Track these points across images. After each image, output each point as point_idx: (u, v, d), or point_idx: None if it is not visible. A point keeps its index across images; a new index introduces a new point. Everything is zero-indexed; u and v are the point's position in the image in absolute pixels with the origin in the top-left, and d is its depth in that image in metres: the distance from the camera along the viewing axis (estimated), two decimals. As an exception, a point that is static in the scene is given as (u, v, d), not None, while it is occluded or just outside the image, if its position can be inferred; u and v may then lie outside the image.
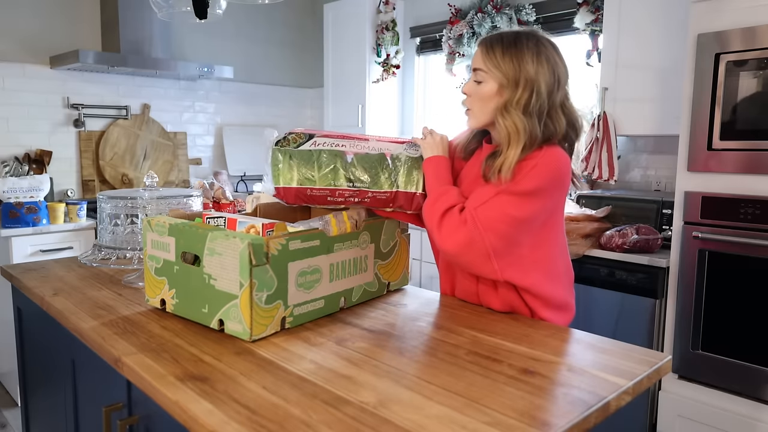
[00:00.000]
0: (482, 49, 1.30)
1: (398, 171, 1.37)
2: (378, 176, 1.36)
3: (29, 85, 3.24)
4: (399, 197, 1.37)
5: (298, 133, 1.39)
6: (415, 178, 1.38)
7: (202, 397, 0.89)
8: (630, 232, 2.34)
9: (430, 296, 1.46)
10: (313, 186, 1.35)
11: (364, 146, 1.38)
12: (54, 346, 1.49)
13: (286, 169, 1.35)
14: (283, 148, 1.36)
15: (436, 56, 3.83)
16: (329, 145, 1.37)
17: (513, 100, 1.25)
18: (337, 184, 1.35)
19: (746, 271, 2.04)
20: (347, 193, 1.36)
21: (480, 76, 1.30)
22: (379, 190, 1.36)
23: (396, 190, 1.37)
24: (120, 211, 1.49)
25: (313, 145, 1.37)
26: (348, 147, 1.37)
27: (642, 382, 0.99)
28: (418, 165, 1.38)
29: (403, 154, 1.38)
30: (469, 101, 1.34)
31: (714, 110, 2.09)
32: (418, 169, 1.38)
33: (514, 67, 1.25)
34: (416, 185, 1.38)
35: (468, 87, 1.34)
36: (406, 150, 1.39)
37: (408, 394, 0.91)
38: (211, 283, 1.15)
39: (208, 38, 3.96)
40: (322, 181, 1.35)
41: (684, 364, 2.20)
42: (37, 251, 2.81)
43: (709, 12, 2.09)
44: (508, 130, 1.24)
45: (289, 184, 1.35)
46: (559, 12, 3.06)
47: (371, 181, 1.35)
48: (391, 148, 1.39)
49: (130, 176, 3.63)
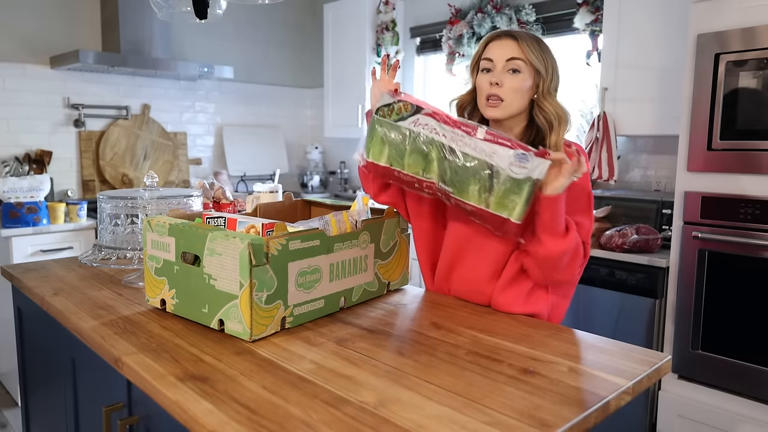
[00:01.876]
0: (512, 40, 1.32)
1: (492, 189, 1.19)
2: (467, 184, 1.21)
3: (29, 85, 3.24)
4: (486, 216, 1.22)
5: (405, 103, 1.28)
6: (511, 203, 1.18)
7: (202, 397, 0.89)
8: (630, 232, 2.34)
9: (429, 296, 1.46)
10: (401, 169, 1.27)
11: (467, 142, 1.21)
12: (54, 345, 1.49)
13: (378, 144, 1.28)
14: (383, 118, 1.28)
15: (436, 56, 3.83)
16: (430, 129, 1.24)
17: (550, 86, 1.33)
18: (426, 175, 1.25)
19: (746, 271, 2.04)
20: (434, 187, 1.26)
21: (517, 65, 1.30)
22: (464, 200, 1.23)
23: (483, 209, 1.21)
24: (120, 211, 1.49)
25: (413, 124, 1.25)
26: (448, 138, 1.23)
27: (642, 382, 0.99)
28: (519, 188, 1.17)
29: (504, 171, 1.17)
30: (502, 91, 1.31)
31: (714, 110, 2.09)
32: (518, 193, 1.17)
33: (545, 55, 1.34)
34: (511, 211, 1.19)
35: (500, 77, 1.31)
36: (511, 166, 1.17)
37: (408, 394, 0.91)
38: (211, 283, 1.15)
39: (208, 38, 3.96)
40: (411, 168, 1.26)
41: (684, 364, 2.20)
42: (37, 251, 2.81)
43: (709, 12, 2.09)
44: (556, 113, 1.32)
45: (377, 160, 1.29)
46: (559, 12, 3.06)
47: (456, 190, 1.23)
48: (495, 156, 1.18)
49: (130, 176, 3.63)
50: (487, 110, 1.34)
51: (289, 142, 4.53)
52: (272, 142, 4.38)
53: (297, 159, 4.61)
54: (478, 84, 1.36)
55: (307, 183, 4.34)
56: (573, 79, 3.12)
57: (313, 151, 4.45)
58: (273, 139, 4.39)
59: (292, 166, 4.55)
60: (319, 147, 4.47)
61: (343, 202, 1.63)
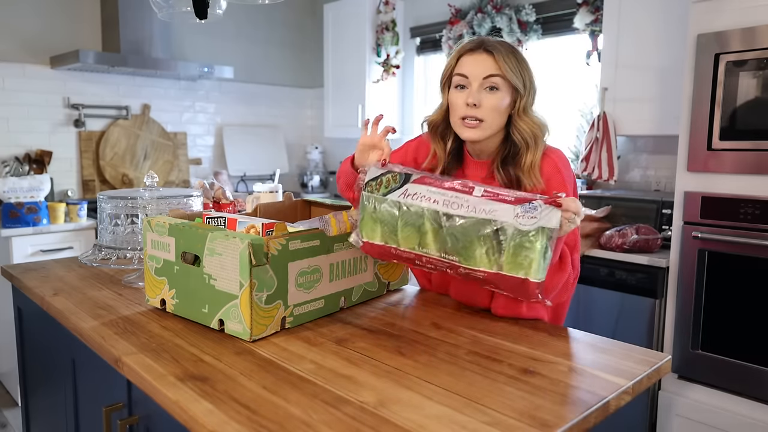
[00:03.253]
0: (488, 55, 1.25)
1: (501, 248, 1.06)
2: (471, 249, 1.09)
3: (29, 85, 3.24)
4: (501, 281, 1.09)
5: (394, 174, 1.20)
6: (526, 260, 1.05)
7: (202, 397, 0.89)
8: (630, 232, 2.34)
9: (430, 296, 1.46)
10: (397, 246, 1.18)
11: (463, 203, 1.10)
12: (54, 345, 1.49)
13: (369, 222, 1.20)
14: (371, 194, 1.20)
15: (436, 56, 3.83)
16: (419, 198, 1.14)
17: (528, 103, 1.28)
18: (423, 249, 1.14)
19: (746, 271, 2.04)
20: (436, 261, 1.15)
21: (495, 82, 1.24)
22: (473, 267, 1.10)
23: (496, 272, 1.08)
24: (120, 211, 1.49)
25: (402, 196, 1.16)
26: (441, 204, 1.12)
27: (642, 382, 0.99)
28: (531, 242, 1.04)
29: (510, 225, 1.05)
30: (481, 112, 1.24)
31: (714, 110, 2.09)
32: (530, 248, 1.04)
33: (522, 69, 1.27)
34: (528, 270, 1.05)
35: (477, 97, 1.24)
36: (517, 218, 1.05)
37: (408, 394, 0.91)
38: (211, 283, 1.15)
39: (208, 38, 3.96)
40: (406, 243, 1.16)
41: (684, 363, 2.20)
42: (37, 251, 2.81)
43: (709, 12, 2.09)
44: (532, 132, 1.27)
45: (372, 240, 1.21)
46: (558, 12, 3.06)
47: (462, 258, 1.10)
48: (497, 213, 1.07)
49: (130, 176, 3.63)
50: (463, 131, 1.27)
51: (289, 142, 4.53)
52: (272, 142, 4.38)
53: (297, 159, 4.61)
54: (452, 102, 1.28)
55: (307, 183, 4.34)
56: (573, 79, 3.13)
57: (313, 151, 4.45)
58: (273, 139, 4.39)
59: (292, 166, 4.55)
60: (319, 147, 4.47)
61: (343, 202, 1.63)
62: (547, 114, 1.33)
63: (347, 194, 1.46)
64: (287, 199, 1.67)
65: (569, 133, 3.08)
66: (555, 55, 3.23)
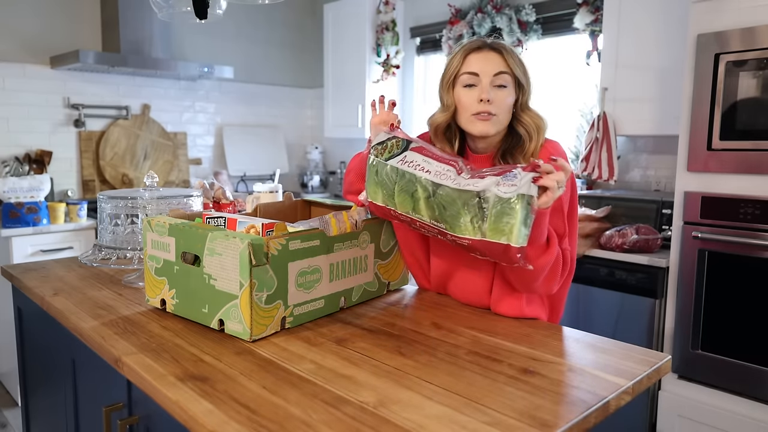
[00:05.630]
0: (495, 53, 1.29)
1: (485, 216, 1.11)
2: (457, 217, 1.14)
3: (29, 85, 3.24)
4: (485, 247, 1.13)
5: (398, 140, 1.26)
6: (507, 226, 1.08)
7: (202, 397, 0.89)
8: (630, 232, 2.34)
9: (430, 296, 1.46)
10: (395, 209, 1.24)
11: (452, 177, 1.16)
12: (54, 345, 1.49)
13: (372, 184, 1.27)
14: (376, 157, 1.27)
15: (436, 56, 3.83)
16: (415, 166, 1.20)
17: (529, 97, 1.33)
18: (417, 215, 1.21)
19: (746, 271, 2.04)
20: (427, 226, 1.21)
21: (504, 79, 1.28)
22: (459, 235, 1.15)
23: (480, 239, 1.12)
24: (120, 211, 1.49)
25: (401, 162, 1.22)
26: (432, 174, 1.18)
27: (642, 382, 0.99)
28: (512, 208, 1.07)
29: (492, 194, 1.09)
30: (494, 107, 1.27)
31: (714, 110, 2.09)
32: (511, 214, 1.07)
33: (524, 65, 1.33)
34: (509, 235, 1.08)
35: (489, 93, 1.26)
36: (498, 186, 1.09)
37: (408, 394, 0.91)
38: (211, 283, 1.15)
39: (208, 38, 3.96)
40: (402, 207, 1.23)
41: (684, 363, 2.20)
42: (37, 251, 2.81)
43: (709, 12, 2.09)
44: (536, 124, 1.31)
45: (375, 200, 1.28)
46: (558, 12, 3.06)
47: (449, 225, 1.16)
48: (482, 183, 1.12)
49: (130, 176, 3.63)
50: (476, 125, 1.28)
51: (289, 142, 4.53)
52: (272, 142, 4.38)
53: (297, 159, 4.61)
54: (461, 100, 1.30)
55: (307, 183, 4.34)
56: (573, 79, 3.13)
57: (313, 151, 4.45)
58: (273, 139, 4.39)
59: (292, 166, 4.55)
60: (319, 147, 4.47)
61: (343, 202, 1.63)
62: (547, 114, 1.36)
63: (355, 185, 1.48)
64: (287, 199, 1.67)
65: (569, 133, 3.08)
66: (555, 55, 3.23)
